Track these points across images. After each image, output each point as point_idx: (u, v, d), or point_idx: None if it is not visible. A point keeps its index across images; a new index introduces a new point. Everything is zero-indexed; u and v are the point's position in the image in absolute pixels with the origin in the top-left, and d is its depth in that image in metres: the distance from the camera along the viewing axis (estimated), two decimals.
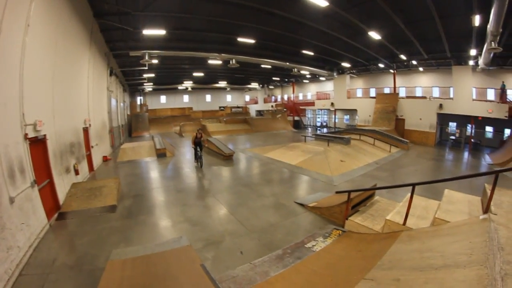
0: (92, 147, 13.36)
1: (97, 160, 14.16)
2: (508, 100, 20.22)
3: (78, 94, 11.72)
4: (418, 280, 3.35)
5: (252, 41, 18.64)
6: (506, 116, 19.51)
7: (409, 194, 5.69)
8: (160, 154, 16.81)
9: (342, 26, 16.23)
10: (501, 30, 12.15)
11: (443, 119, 25.00)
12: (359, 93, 32.42)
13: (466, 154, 20.23)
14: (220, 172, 13.25)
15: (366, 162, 15.17)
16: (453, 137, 25.13)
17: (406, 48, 21.24)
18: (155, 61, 21.85)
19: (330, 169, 13.02)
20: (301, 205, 8.85)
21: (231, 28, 16.93)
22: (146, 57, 18.54)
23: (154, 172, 13.35)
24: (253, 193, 10.11)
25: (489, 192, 4.75)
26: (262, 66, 27.78)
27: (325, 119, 39.63)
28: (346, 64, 28.75)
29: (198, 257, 4.85)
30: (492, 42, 13.24)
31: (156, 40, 17.54)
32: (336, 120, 36.08)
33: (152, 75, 31.22)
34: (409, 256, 4.10)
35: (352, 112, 33.66)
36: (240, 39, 18.35)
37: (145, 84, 38.37)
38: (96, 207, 8.13)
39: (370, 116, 28.87)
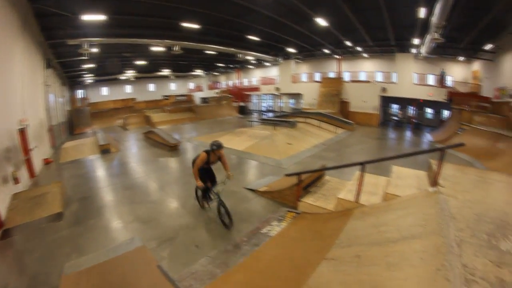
0: (31, 150, 12.13)
1: (38, 164, 12.96)
2: (446, 85, 23.02)
3: (10, 92, 10.43)
4: (378, 254, 3.49)
5: (196, 26, 18.01)
6: (444, 99, 22.12)
7: (358, 172, 5.87)
8: (104, 150, 15.90)
9: (290, 11, 16.19)
10: (444, 23, 13.04)
11: (386, 101, 26.85)
12: (304, 78, 33.06)
13: (408, 133, 21.83)
14: (167, 164, 12.94)
15: (313, 143, 15.63)
16: (395, 118, 27.36)
17: (352, 35, 21.78)
18: (95, 50, 20.44)
19: (278, 152, 13.24)
20: (252, 190, 8.90)
21: (174, 13, 16.17)
22: (86, 46, 17.30)
23: (99, 170, 12.61)
24: None
25: (435, 167, 5.04)
26: (207, 52, 27.17)
27: (271, 103, 39.93)
28: (291, 50, 28.96)
29: (154, 257, 4.64)
30: (435, 33, 14.22)
31: (96, 26, 16.25)
32: (282, 105, 36.74)
33: (93, 65, 29.12)
34: (366, 232, 4.25)
35: (297, 96, 34.23)
36: (184, 24, 17.65)
37: (85, 76, 35.89)
38: (42, 217, 7.44)
39: (314, 99, 29.72)
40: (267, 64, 36.75)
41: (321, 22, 16.78)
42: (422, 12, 14.32)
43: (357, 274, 3.37)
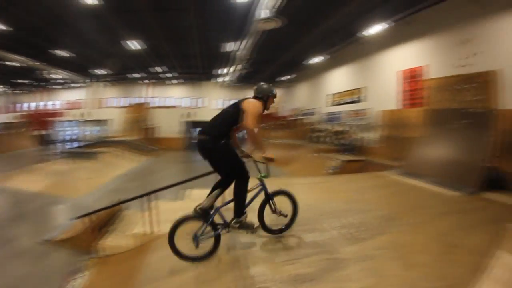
0: None
1: None
2: None
3: None
4: (176, 285, 3.41)
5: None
6: None
7: (156, 202, 5.79)
8: None
9: (106, 30, 14.84)
10: (249, 57, 15.81)
11: (192, 125, 28.77)
12: (113, 102, 31.04)
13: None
14: None
15: (115, 175, 14.68)
16: None
17: (163, 62, 21.98)
18: None
19: (78, 189, 11.87)
20: (49, 241, 7.50)
21: None
22: None
23: None
24: None
25: None
26: (9, 63, 21.42)
27: (77, 131, 35.16)
28: (102, 71, 26.44)
29: None
30: (240, 65, 17.25)
31: None
32: (88, 133, 32.83)
33: None
34: (165, 263, 4.05)
35: (105, 122, 31.40)
36: None
37: None
38: None
39: (121, 126, 28.51)
40: (75, 85, 32.09)
41: (136, 46, 16.40)
42: (230, 47, 16.37)
43: None
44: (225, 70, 22.43)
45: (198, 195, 6.97)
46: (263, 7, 10.02)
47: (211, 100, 28.60)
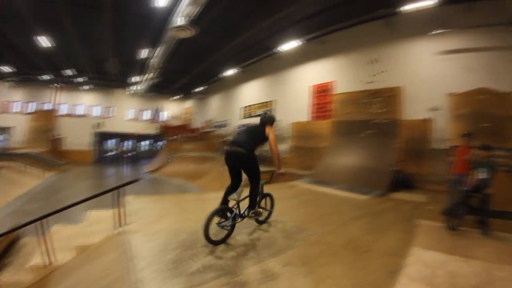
0: None
1: None
2: (160, 119, 27.91)
3: None
4: None
5: None
6: (158, 132, 26.68)
7: (56, 227, 5.20)
8: None
9: (13, 19, 12.92)
10: (162, 65, 15.41)
11: (103, 136, 27.26)
12: (18, 107, 26.24)
13: (124, 167, 22.98)
14: None
15: (16, 194, 12.50)
16: (111, 153, 28.30)
17: (75, 64, 20.07)
18: None
19: None
20: None
21: None
22: None
23: None
24: None
25: (126, 204, 4.89)
26: None
27: None
28: (6, 69, 21.99)
29: None
30: (152, 73, 16.73)
31: None
32: None
33: None
34: None
35: (7, 130, 27.08)
36: None
37: None
38: None
39: (25, 136, 24.63)
40: None
41: (46, 42, 14.58)
42: (144, 53, 15.57)
43: None
44: (138, 78, 21.48)
45: (97, 217, 6.24)
46: (179, 15, 9.74)
47: (123, 110, 27.33)
